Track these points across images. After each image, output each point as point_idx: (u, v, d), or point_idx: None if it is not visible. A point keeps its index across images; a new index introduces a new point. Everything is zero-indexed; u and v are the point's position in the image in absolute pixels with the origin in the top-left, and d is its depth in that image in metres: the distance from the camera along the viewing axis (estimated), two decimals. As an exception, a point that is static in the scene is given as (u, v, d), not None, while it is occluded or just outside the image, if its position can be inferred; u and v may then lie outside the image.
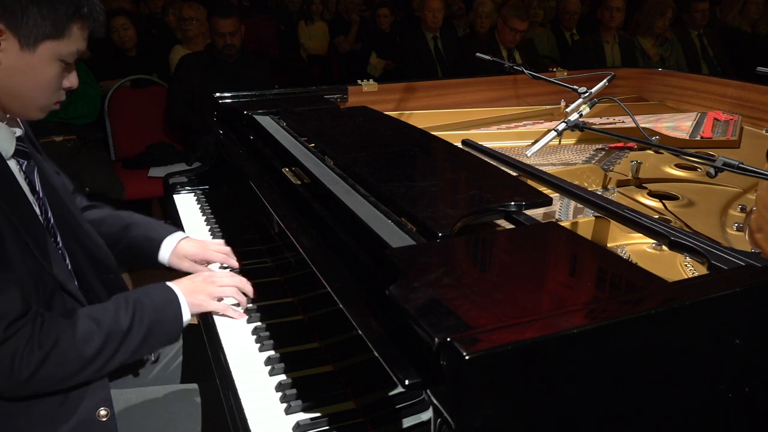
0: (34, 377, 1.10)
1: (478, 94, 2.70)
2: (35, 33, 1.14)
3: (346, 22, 6.22)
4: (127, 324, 1.20)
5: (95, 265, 1.39)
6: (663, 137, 2.06)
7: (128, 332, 1.19)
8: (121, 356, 1.19)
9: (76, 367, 1.14)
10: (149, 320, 1.23)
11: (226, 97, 2.12)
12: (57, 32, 1.16)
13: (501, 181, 1.31)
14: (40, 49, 1.16)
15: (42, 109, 1.24)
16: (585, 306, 0.83)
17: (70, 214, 1.37)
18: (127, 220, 1.61)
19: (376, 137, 1.66)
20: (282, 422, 1.10)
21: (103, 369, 1.18)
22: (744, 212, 1.62)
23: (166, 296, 1.30)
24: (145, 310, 1.23)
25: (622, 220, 1.19)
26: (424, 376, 0.79)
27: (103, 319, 1.18)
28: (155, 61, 4.21)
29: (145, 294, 1.28)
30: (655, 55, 4.67)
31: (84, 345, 1.14)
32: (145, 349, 1.24)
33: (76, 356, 1.13)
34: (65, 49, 1.19)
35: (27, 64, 1.16)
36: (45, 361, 1.10)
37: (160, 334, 1.26)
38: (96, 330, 1.16)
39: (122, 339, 1.18)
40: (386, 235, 1.07)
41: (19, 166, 1.26)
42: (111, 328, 1.18)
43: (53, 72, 1.20)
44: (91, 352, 1.15)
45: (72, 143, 3.56)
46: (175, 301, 1.30)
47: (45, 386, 1.14)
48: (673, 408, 0.88)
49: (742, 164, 1.25)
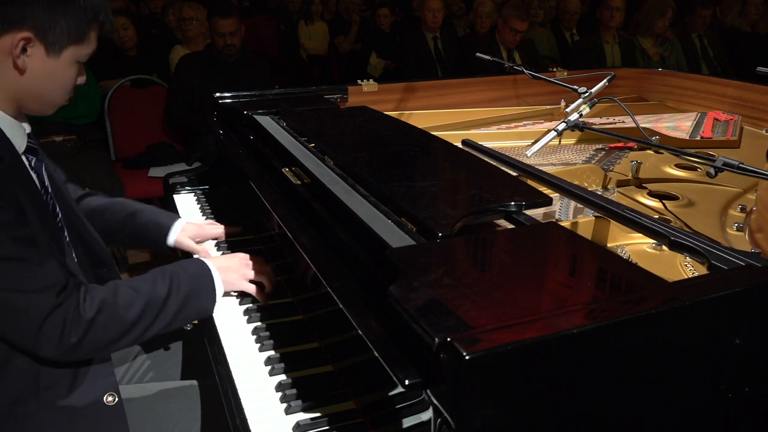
0: (82, 342, 1.16)
1: (478, 94, 2.70)
2: (61, 40, 1.20)
3: (346, 22, 6.22)
4: (165, 292, 1.27)
5: (91, 258, 1.43)
6: (663, 137, 2.06)
7: (166, 300, 1.27)
8: (160, 323, 1.26)
9: (119, 332, 1.21)
10: (186, 290, 1.31)
11: (226, 97, 2.12)
12: (79, 38, 1.23)
13: (501, 181, 1.30)
14: (64, 54, 1.22)
15: (56, 106, 1.30)
16: (585, 306, 0.83)
17: (72, 209, 1.40)
18: (132, 207, 1.71)
19: (376, 137, 1.66)
20: (282, 422, 1.10)
21: (144, 335, 1.25)
22: (744, 212, 1.62)
23: (201, 270, 1.38)
24: (182, 281, 1.31)
25: (622, 220, 1.19)
26: (424, 376, 0.79)
27: (143, 287, 1.26)
28: (155, 61, 4.21)
29: (181, 267, 1.36)
30: (655, 55, 4.67)
31: (125, 311, 1.21)
32: (181, 318, 1.31)
33: (119, 321, 1.20)
34: (83, 52, 1.26)
35: (51, 69, 1.22)
36: (92, 326, 1.17)
37: (196, 304, 1.33)
38: (136, 297, 1.23)
39: (161, 306, 1.26)
40: (386, 235, 1.07)
41: (29, 162, 1.29)
42: (150, 295, 1.25)
43: (72, 73, 1.26)
44: (133, 317, 1.22)
45: (72, 143, 3.56)
46: (209, 275, 1.38)
47: (92, 350, 1.21)
48: (674, 408, 0.88)
49: (742, 164, 1.25)
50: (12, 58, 1.17)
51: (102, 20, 1.26)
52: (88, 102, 3.69)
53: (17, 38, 1.15)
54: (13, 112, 1.24)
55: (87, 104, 3.69)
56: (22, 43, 1.16)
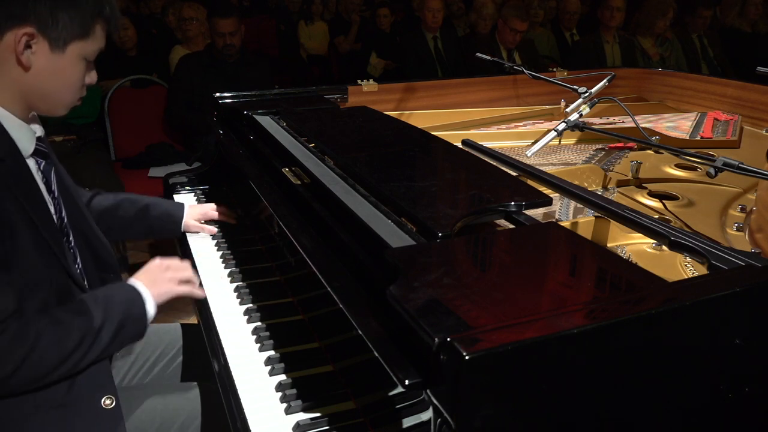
0: (16, 374, 1.11)
1: (478, 94, 2.70)
2: (64, 35, 1.19)
3: (346, 22, 6.22)
4: (100, 322, 1.21)
5: (98, 263, 1.42)
6: (663, 137, 2.06)
7: (101, 329, 1.21)
8: (94, 353, 1.21)
9: (54, 363, 1.15)
10: (119, 317, 1.24)
11: (226, 97, 2.12)
12: (83, 33, 1.21)
13: (501, 181, 1.30)
14: (68, 50, 1.21)
15: (67, 106, 1.29)
16: (585, 306, 0.83)
17: (81, 213, 1.41)
18: (142, 200, 1.75)
19: (376, 137, 1.66)
20: (282, 422, 1.10)
21: (78, 366, 1.19)
22: (744, 212, 1.62)
23: (131, 295, 1.31)
24: (114, 308, 1.25)
25: (622, 220, 1.19)
26: (424, 376, 0.79)
27: (78, 316, 1.20)
28: (155, 61, 4.21)
29: (111, 292, 1.30)
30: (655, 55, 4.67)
31: (63, 341, 1.16)
32: (116, 345, 1.26)
33: (55, 353, 1.15)
34: (89, 48, 1.25)
35: (56, 65, 1.21)
36: (27, 358, 1.11)
37: (129, 329, 1.27)
38: (73, 327, 1.18)
39: (95, 336, 1.20)
40: (386, 235, 1.07)
41: (38, 165, 1.29)
42: (86, 325, 1.19)
43: (79, 71, 1.25)
44: (70, 348, 1.16)
45: (72, 143, 3.56)
46: (139, 299, 1.31)
47: (24, 383, 1.15)
48: (673, 408, 0.88)
49: (742, 164, 1.25)
50: (16, 54, 1.16)
51: (107, 15, 1.25)
52: (88, 102, 3.69)
53: (20, 34, 1.15)
54: (22, 113, 1.24)
55: (87, 104, 3.69)
56: (25, 38, 1.16)
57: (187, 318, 2.98)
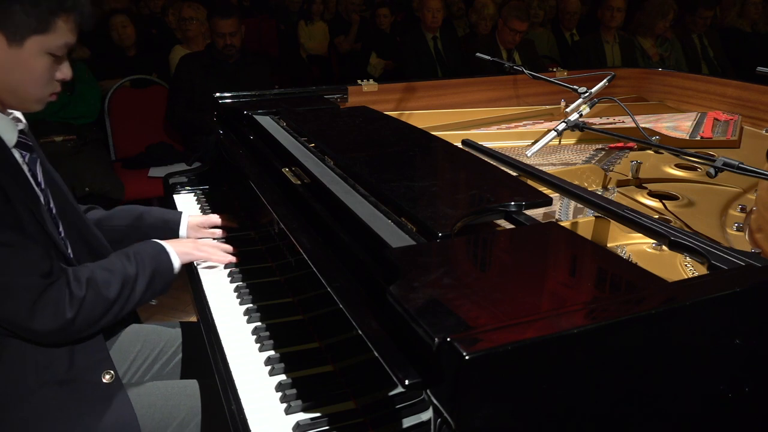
0: (76, 318, 1.24)
1: (478, 94, 2.70)
2: (21, 29, 1.19)
3: (346, 22, 6.22)
4: (134, 271, 1.37)
5: (92, 254, 1.45)
6: (663, 137, 2.06)
7: (136, 278, 1.36)
8: (134, 299, 1.36)
9: (103, 309, 1.29)
10: (150, 268, 1.40)
11: (226, 97, 2.12)
12: (42, 27, 1.21)
13: (501, 181, 1.30)
14: (27, 44, 1.21)
15: (38, 101, 1.29)
16: (585, 306, 0.83)
17: (70, 205, 1.43)
18: (137, 210, 1.77)
19: (376, 137, 1.66)
20: (282, 422, 1.10)
21: (123, 311, 1.34)
22: (744, 212, 1.62)
23: (157, 248, 1.48)
24: (145, 260, 1.41)
25: (622, 220, 1.19)
26: (424, 376, 0.79)
27: (116, 267, 1.35)
28: (155, 61, 4.21)
29: (140, 249, 1.45)
30: (655, 55, 4.67)
31: (107, 290, 1.30)
32: (149, 293, 1.41)
33: (103, 299, 1.28)
34: (52, 43, 1.24)
35: (16, 59, 1.21)
36: (83, 304, 1.24)
37: (159, 279, 1.43)
38: (112, 276, 1.32)
39: (133, 284, 1.35)
40: (386, 235, 1.07)
41: (23, 157, 1.30)
42: (124, 274, 1.34)
43: (43, 65, 1.25)
44: (113, 295, 1.30)
45: (72, 143, 3.56)
46: (165, 252, 1.48)
47: (84, 327, 1.27)
48: (673, 408, 0.88)
49: (742, 164, 1.25)
50: None
51: (69, 8, 1.23)
52: (88, 102, 3.69)
53: None
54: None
55: (87, 104, 3.69)
56: None
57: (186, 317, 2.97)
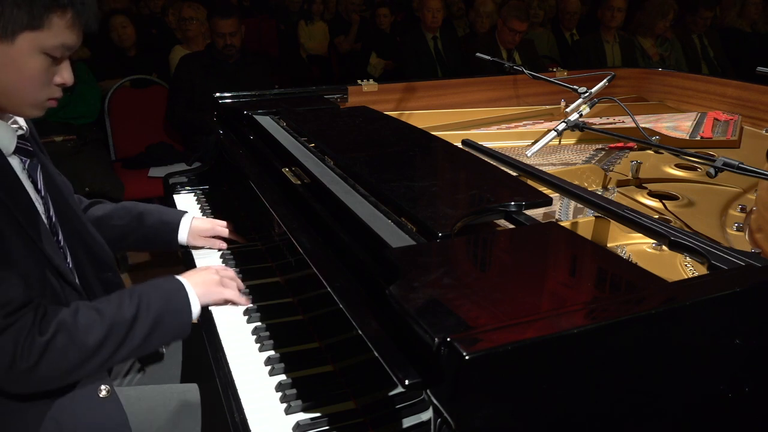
0: (37, 367, 1.09)
1: (478, 94, 2.70)
2: (11, 24, 1.12)
3: (346, 22, 6.22)
4: (132, 314, 1.19)
5: (94, 262, 1.41)
6: (663, 137, 2.06)
7: (133, 323, 1.18)
8: (128, 348, 1.18)
9: (78, 357, 1.13)
10: (156, 311, 1.22)
11: (226, 97, 2.12)
12: (34, 23, 1.13)
13: (501, 181, 1.30)
14: (18, 40, 1.13)
15: (34, 105, 1.21)
16: (585, 306, 0.83)
17: (72, 211, 1.38)
18: (138, 208, 1.67)
19: (376, 137, 1.66)
20: (282, 422, 1.10)
21: (110, 361, 1.17)
22: (744, 212, 1.62)
23: (173, 286, 1.29)
24: (151, 301, 1.22)
25: (622, 220, 1.19)
26: (424, 376, 0.79)
27: (106, 309, 1.18)
28: (155, 61, 4.21)
29: (151, 285, 1.28)
30: (655, 55, 4.67)
31: (86, 335, 1.13)
32: (154, 341, 1.23)
33: (77, 346, 1.13)
34: (47, 42, 1.15)
35: (7, 57, 1.14)
36: (47, 350, 1.09)
37: (169, 325, 1.24)
38: (98, 320, 1.15)
39: (127, 330, 1.18)
40: (386, 235, 1.07)
41: (22, 164, 1.27)
42: (114, 318, 1.17)
43: (36, 65, 1.16)
44: (94, 342, 1.14)
45: (72, 143, 3.56)
46: (182, 291, 1.29)
47: (49, 377, 1.14)
48: (673, 408, 0.88)
49: (742, 164, 1.25)
50: None
51: (64, 5, 1.15)
52: (88, 102, 3.70)
53: None
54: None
55: (87, 104, 3.69)
56: None
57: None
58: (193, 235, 1.70)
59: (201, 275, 1.38)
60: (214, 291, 1.37)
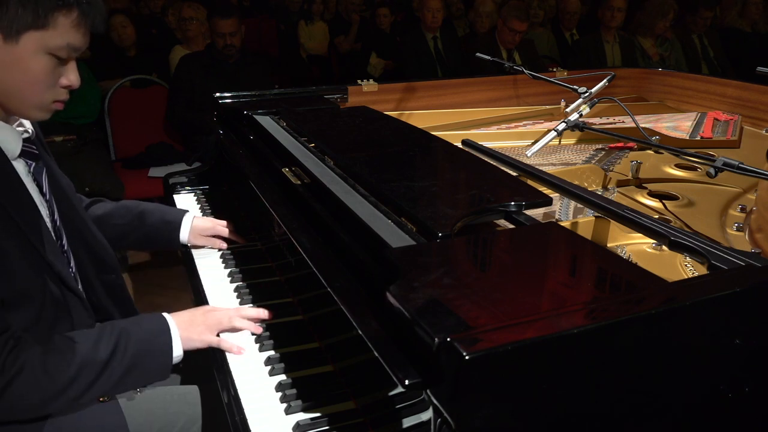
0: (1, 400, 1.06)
1: (478, 94, 2.71)
2: (16, 23, 1.10)
3: (346, 22, 6.22)
4: (107, 354, 1.14)
5: (97, 264, 1.40)
6: (663, 137, 2.06)
7: (107, 364, 1.14)
8: (101, 388, 1.14)
9: (45, 395, 1.09)
10: (134, 353, 1.17)
11: (226, 97, 2.12)
12: (39, 22, 1.12)
13: (501, 181, 1.30)
14: (23, 40, 1.12)
15: (39, 107, 1.20)
16: (585, 306, 0.83)
17: (77, 214, 1.38)
18: (139, 207, 1.67)
19: (376, 137, 1.66)
20: (282, 422, 1.10)
21: (81, 399, 1.13)
22: (744, 212, 1.62)
23: (157, 327, 1.24)
24: (130, 342, 1.17)
25: (622, 220, 1.19)
26: (424, 376, 0.79)
27: (81, 347, 1.13)
28: (155, 61, 4.21)
29: (134, 323, 1.23)
30: (655, 55, 4.66)
31: (54, 373, 1.09)
32: (129, 383, 1.18)
33: (44, 384, 1.08)
34: (52, 42, 1.14)
35: (11, 57, 1.12)
36: (9, 386, 1.05)
37: (146, 368, 1.19)
38: (69, 359, 1.11)
39: (99, 371, 1.13)
40: (386, 235, 1.07)
41: (28, 167, 1.26)
42: (87, 358, 1.12)
43: (41, 66, 1.15)
44: (63, 381, 1.10)
45: (72, 143, 3.56)
46: (166, 333, 1.23)
47: (13, 411, 1.10)
48: (673, 408, 0.88)
49: (742, 164, 1.25)
50: None
51: (71, 4, 1.13)
52: (88, 102, 3.70)
53: None
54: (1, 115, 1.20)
55: (87, 104, 3.70)
56: None
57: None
58: (194, 235, 1.70)
59: (190, 315, 1.31)
60: (199, 334, 1.28)
